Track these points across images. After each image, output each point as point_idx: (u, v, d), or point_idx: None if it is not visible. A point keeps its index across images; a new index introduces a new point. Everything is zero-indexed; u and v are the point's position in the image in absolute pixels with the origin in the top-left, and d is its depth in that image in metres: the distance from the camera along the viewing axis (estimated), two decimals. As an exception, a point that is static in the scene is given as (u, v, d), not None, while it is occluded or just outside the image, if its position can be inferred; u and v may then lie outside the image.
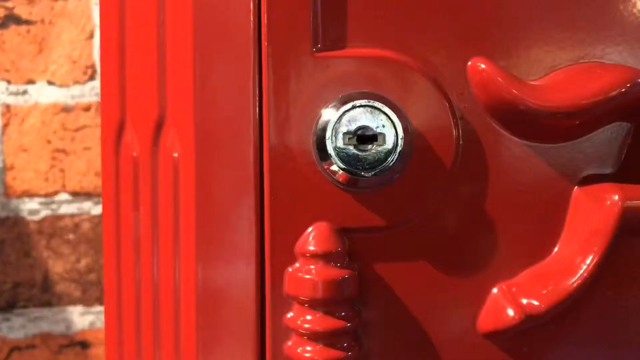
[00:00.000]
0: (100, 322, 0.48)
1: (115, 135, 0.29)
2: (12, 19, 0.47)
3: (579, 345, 0.25)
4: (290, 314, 0.23)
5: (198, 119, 0.25)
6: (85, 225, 0.48)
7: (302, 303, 0.23)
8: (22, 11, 0.47)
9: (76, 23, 0.47)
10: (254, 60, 0.24)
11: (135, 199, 0.28)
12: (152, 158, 0.27)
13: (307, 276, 0.23)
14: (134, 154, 0.28)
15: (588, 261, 0.24)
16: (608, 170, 0.26)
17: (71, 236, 0.48)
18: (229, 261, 0.25)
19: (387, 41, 0.25)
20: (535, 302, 0.24)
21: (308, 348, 0.23)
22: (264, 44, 0.24)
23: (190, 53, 0.25)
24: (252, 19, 0.24)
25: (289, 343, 0.23)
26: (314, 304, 0.23)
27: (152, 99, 0.27)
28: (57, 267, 0.47)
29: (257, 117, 0.24)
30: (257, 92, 0.24)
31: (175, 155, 0.26)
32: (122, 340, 0.30)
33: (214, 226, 0.25)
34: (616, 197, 0.24)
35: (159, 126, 0.26)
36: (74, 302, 0.48)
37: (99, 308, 0.48)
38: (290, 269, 0.24)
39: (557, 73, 0.25)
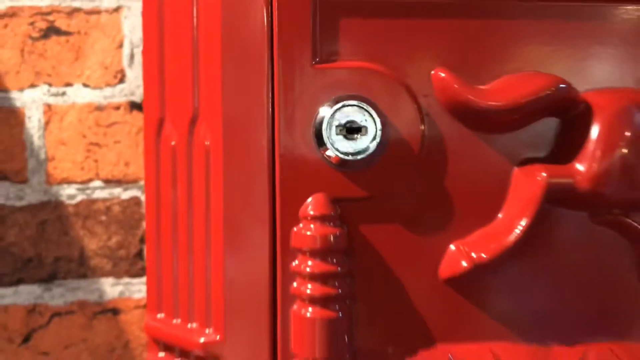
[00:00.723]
0: (128, 292, 0.56)
1: (156, 127, 0.36)
2: (53, 30, 0.54)
3: (516, 288, 0.33)
4: (295, 262, 0.31)
5: (225, 115, 0.32)
6: (116, 209, 0.55)
7: (304, 253, 0.30)
8: (61, 24, 0.54)
9: (108, 34, 0.55)
10: (267, 70, 0.32)
11: (173, 180, 0.36)
12: (188, 146, 0.34)
13: (308, 233, 0.30)
14: (172, 143, 0.36)
15: (523, 223, 0.32)
16: (541, 155, 0.33)
17: (103, 218, 0.55)
18: (249, 225, 0.33)
19: (371, 55, 0.32)
20: (483, 255, 0.32)
21: (309, 286, 0.30)
22: (276, 58, 0.31)
23: (218, 63, 0.33)
24: (266, 38, 0.32)
25: (294, 284, 0.31)
26: (313, 254, 0.30)
27: (187, 98, 0.34)
28: (91, 245, 0.55)
29: (270, 114, 0.32)
30: (270, 95, 0.32)
31: (207, 143, 0.33)
32: (161, 295, 0.37)
33: (238, 199, 0.33)
34: (544, 174, 0.31)
35: (193, 120, 0.34)
36: (105, 274, 0.55)
37: (128, 280, 0.56)
38: (295, 229, 0.31)
39: (501, 80, 0.33)
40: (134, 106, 0.55)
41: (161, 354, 0.37)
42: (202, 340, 0.33)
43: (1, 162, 0.54)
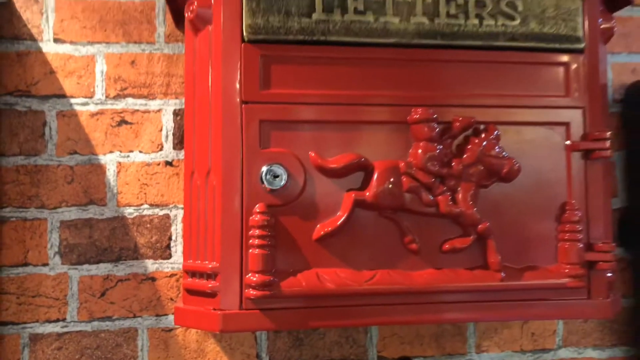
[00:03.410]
0: (161, 268, 0.97)
1: (190, 176, 0.81)
2: (123, 122, 0.98)
3: (342, 243, 0.77)
4: (251, 231, 0.74)
5: (222, 171, 0.76)
6: (155, 220, 0.97)
7: (254, 226, 0.74)
8: (128, 118, 0.98)
9: (154, 124, 0.99)
10: (240, 151, 0.76)
11: (197, 200, 0.80)
12: (205, 185, 0.78)
13: (256, 217, 0.74)
14: (198, 183, 0.80)
15: (344, 216, 0.76)
16: (355, 187, 0.78)
17: (148, 225, 0.97)
18: (233, 216, 0.76)
19: (285, 145, 0.77)
20: (328, 229, 0.76)
21: (256, 241, 0.74)
22: (244, 144, 0.76)
23: (219, 144, 0.77)
24: (240, 145, 0.76)
25: (250, 241, 0.74)
26: (258, 227, 0.74)
27: (205, 161, 0.78)
28: (141, 241, 0.97)
29: (240, 171, 0.76)
30: (241, 162, 0.76)
31: (214, 183, 0.77)
32: (190, 249, 0.81)
33: (228, 207, 0.76)
34: (353, 195, 0.76)
35: (208, 173, 0.78)
36: (148, 257, 0.97)
37: (161, 261, 0.97)
38: (252, 217, 0.75)
39: (337, 157, 0.78)
40: (167, 163, 0.99)
41: (190, 279, 0.79)
42: (210, 265, 0.76)
43: (92, 193, 0.97)
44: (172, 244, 0.98)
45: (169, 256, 0.98)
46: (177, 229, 0.98)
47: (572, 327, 1.08)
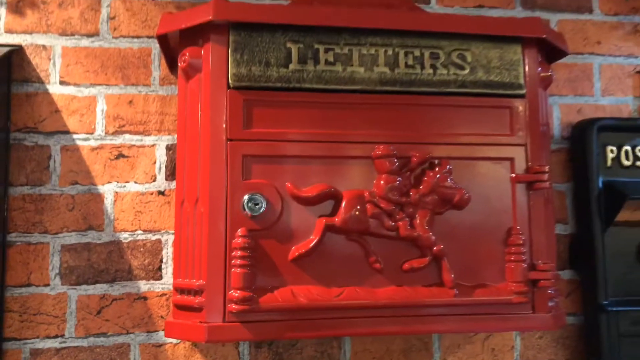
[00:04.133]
0: (152, 288, 1.06)
1: (180, 204, 0.92)
2: (121, 155, 1.09)
3: (313, 264, 0.87)
4: (234, 252, 0.85)
5: (209, 199, 0.87)
6: (148, 244, 1.07)
7: (237, 248, 0.85)
8: (125, 152, 1.09)
9: (148, 157, 1.10)
10: (225, 183, 0.87)
11: (187, 225, 0.90)
12: (195, 212, 0.89)
13: (239, 240, 0.85)
14: (188, 210, 0.91)
15: (316, 239, 0.87)
16: (326, 213, 0.89)
17: (141, 249, 1.07)
18: (217, 238, 0.87)
19: (264, 177, 0.88)
20: (302, 250, 0.87)
21: (238, 261, 0.84)
22: (229, 176, 0.87)
23: (207, 177, 0.88)
24: (225, 177, 0.87)
25: (232, 261, 0.85)
26: (240, 251, 0.84)
27: (194, 191, 0.89)
28: (135, 263, 1.07)
29: (225, 199, 0.87)
30: (226, 192, 0.87)
31: (202, 210, 0.88)
32: (180, 270, 0.91)
33: (214, 231, 0.87)
34: (324, 220, 0.87)
35: (197, 201, 0.89)
36: (141, 278, 1.06)
37: (152, 282, 1.06)
38: (235, 239, 0.85)
39: (310, 187, 0.89)
40: (160, 193, 1.10)
41: (179, 296, 0.89)
42: (197, 283, 0.86)
43: (91, 220, 1.07)
44: (163, 266, 1.08)
45: (160, 277, 1.08)
46: (167, 253, 1.08)
47: (528, 342, 1.18)
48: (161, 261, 1.08)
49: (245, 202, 0.86)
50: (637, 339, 1.16)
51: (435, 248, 0.89)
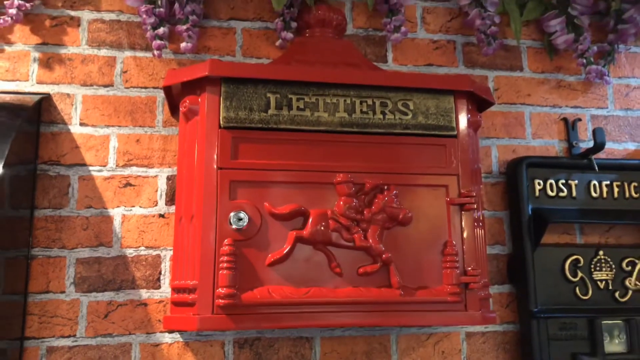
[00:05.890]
0: (152, 296, 1.25)
1: (179, 220, 1.13)
2: (128, 184, 1.31)
3: (285, 268, 1.08)
4: (221, 257, 1.06)
5: (202, 216, 1.09)
6: (149, 258, 1.27)
7: (223, 254, 1.05)
8: (132, 181, 1.31)
9: (151, 186, 1.31)
10: (215, 202, 1.09)
11: (186, 238, 1.11)
12: (190, 226, 1.10)
13: (226, 249, 1.06)
14: (185, 225, 1.12)
15: (288, 248, 1.08)
16: (298, 227, 1.11)
17: (144, 262, 1.27)
18: (208, 246, 1.07)
19: (248, 199, 1.10)
20: (277, 257, 1.08)
21: (224, 264, 1.05)
22: (219, 196, 1.09)
23: (201, 199, 1.10)
24: (216, 193, 1.09)
25: (220, 265, 1.05)
26: (226, 254, 1.05)
27: (190, 210, 1.11)
28: (137, 274, 1.26)
29: (215, 215, 1.08)
30: (216, 211, 1.09)
31: (197, 224, 1.09)
32: (177, 272, 1.12)
33: (205, 241, 1.08)
34: (295, 233, 1.09)
35: (192, 217, 1.10)
36: (143, 287, 1.26)
37: (152, 290, 1.26)
38: (222, 248, 1.06)
39: (284, 206, 1.11)
40: (160, 216, 1.31)
41: (176, 295, 1.09)
42: (191, 283, 1.06)
43: (102, 238, 1.27)
44: (161, 277, 1.28)
45: (159, 287, 1.28)
46: (165, 266, 1.29)
47: (473, 346, 1.38)
48: (160, 273, 1.28)
49: (231, 217, 1.08)
50: (564, 342, 1.36)
51: (384, 256, 1.11)
